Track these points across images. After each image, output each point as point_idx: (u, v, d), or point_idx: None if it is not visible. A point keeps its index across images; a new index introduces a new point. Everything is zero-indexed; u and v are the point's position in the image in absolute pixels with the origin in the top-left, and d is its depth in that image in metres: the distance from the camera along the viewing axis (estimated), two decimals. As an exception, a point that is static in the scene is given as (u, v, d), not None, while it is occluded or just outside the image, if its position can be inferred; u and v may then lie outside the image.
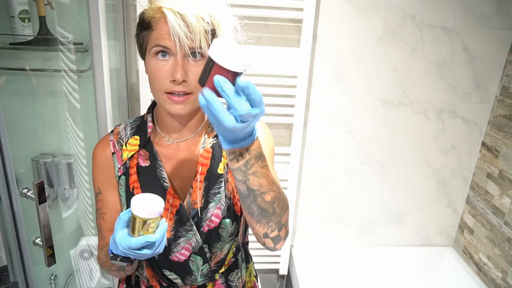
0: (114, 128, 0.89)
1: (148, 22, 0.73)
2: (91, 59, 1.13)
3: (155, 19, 0.72)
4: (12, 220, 1.04)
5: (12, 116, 1.46)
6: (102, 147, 0.87)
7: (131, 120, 0.90)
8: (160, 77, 0.74)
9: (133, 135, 0.86)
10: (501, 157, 1.68)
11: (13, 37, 1.33)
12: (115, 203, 0.87)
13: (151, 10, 0.72)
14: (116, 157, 0.85)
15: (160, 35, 0.71)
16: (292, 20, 1.54)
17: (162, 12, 0.70)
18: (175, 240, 0.85)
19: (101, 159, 0.86)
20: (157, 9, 0.70)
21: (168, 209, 0.84)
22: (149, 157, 0.85)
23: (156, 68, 0.73)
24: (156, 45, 0.72)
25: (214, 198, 0.86)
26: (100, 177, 0.87)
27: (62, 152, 1.56)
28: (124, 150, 0.85)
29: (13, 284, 1.04)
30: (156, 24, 0.72)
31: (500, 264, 1.67)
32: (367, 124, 1.74)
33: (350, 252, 1.97)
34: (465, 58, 1.67)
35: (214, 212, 0.85)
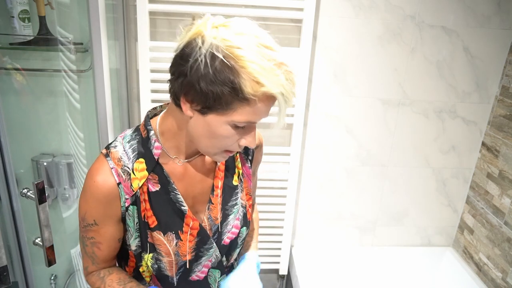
0: (108, 151, 0.77)
1: (247, 96, 0.63)
2: (91, 59, 1.13)
3: (259, 97, 0.64)
4: (12, 220, 1.04)
5: (12, 116, 1.46)
6: (102, 178, 0.74)
7: (127, 138, 0.78)
8: (230, 141, 0.71)
9: (137, 158, 0.76)
10: (501, 157, 1.68)
11: (13, 37, 1.33)
12: (113, 234, 0.79)
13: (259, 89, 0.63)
14: (124, 188, 0.75)
15: (258, 113, 0.67)
16: (292, 20, 1.54)
17: (274, 97, 0.65)
18: (196, 260, 0.84)
19: (102, 193, 0.74)
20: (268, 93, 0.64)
21: (188, 232, 0.81)
22: (159, 181, 0.78)
23: (230, 135, 0.69)
24: (248, 121, 0.67)
25: (233, 210, 0.87)
26: (99, 211, 0.76)
27: (62, 152, 1.56)
28: (134, 179, 0.76)
29: (13, 284, 1.04)
30: (258, 103, 0.65)
31: (500, 264, 1.67)
32: (367, 124, 1.74)
33: (350, 252, 1.97)
34: (465, 58, 1.67)
35: (234, 224, 0.87)
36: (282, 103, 0.65)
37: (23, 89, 1.48)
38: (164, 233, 0.79)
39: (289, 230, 1.82)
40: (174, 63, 0.68)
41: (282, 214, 1.79)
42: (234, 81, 0.62)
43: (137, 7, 1.41)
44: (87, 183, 0.75)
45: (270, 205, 1.78)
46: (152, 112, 0.82)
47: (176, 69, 0.67)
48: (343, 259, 1.96)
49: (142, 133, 0.78)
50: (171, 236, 0.80)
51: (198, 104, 0.66)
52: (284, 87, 0.64)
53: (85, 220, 0.77)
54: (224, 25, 0.66)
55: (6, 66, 1.42)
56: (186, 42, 0.66)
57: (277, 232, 1.83)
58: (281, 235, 1.83)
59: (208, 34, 0.63)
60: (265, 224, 1.81)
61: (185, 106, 0.68)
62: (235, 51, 0.62)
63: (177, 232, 0.80)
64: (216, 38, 0.63)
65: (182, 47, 0.66)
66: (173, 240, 0.80)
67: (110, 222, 0.78)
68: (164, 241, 0.79)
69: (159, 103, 1.55)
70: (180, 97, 0.68)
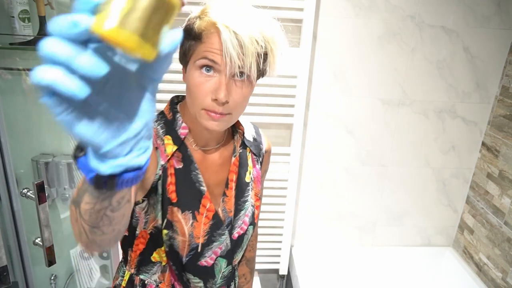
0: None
1: (199, 34, 0.68)
2: (91, 59, 1.13)
3: (207, 32, 0.67)
4: (12, 220, 1.04)
5: (12, 116, 1.46)
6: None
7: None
8: (202, 92, 0.70)
9: (165, 134, 0.79)
10: (501, 157, 1.68)
11: (13, 37, 1.33)
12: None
13: (204, 22, 0.67)
14: (160, 153, 0.77)
15: (210, 49, 0.68)
16: (292, 20, 1.54)
17: (216, 27, 0.66)
18: (208, 245, 0.84)
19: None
20: (211, 23, 0.67)
21: (204, 214, 0.82)
22: (182, 159, 0.79)
23: (199, 82, 0.70)
24: (204, 57, 0.68)
25: (244, 206, 0.88)
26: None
27: (62, 152, 1.56)
28: (167, 144, 0.78)
29: (13, 284, 1.04)
30: (207, 37, 0.68)
31: (500, 264, 1.67)
32: (367, 124, 1.74)
33: (350, 252, 1.97)
34: (465, 58, 1.67)
35: (244, 220, 0.88)
36: (225, 32, 0.64)
37: (23, 89, 1.48)
38: (182, 211, 0.80)
39: (289, 230, 1.82)
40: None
41: (282, 214, 1.79)
42: (190, 25, 0.69)
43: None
44: None
45: (270, 205, 1.78)
46: (175, 99, 0.85)
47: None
48: (343, 259, 1.96)
49: (167, 115, 0.81)
50: (188, 215, 0.80)
51: (183, 66, 0.74)
52: (233, 22, 0.65)
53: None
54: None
55: (6, 66, 1.42)
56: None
57: (277, 232, 1.83)
58: (281, 235, 1.83)
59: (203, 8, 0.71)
60: (265, 224, 1.81)
61: (183, 75, 0.76)
62: (206, 7, 0.69)
63: (193, 212, 0.81)
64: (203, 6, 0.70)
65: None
66: (189, 220, 0.80)
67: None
68: (181, 219, 0.80)
69: (159, 103, 1.55)
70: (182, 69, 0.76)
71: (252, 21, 0.68)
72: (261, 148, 0.94)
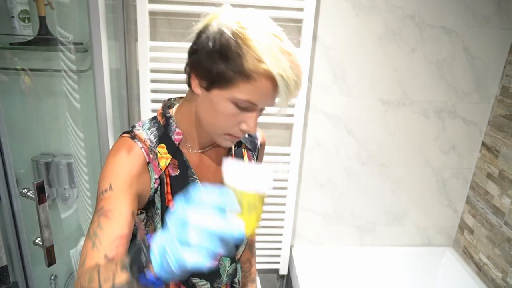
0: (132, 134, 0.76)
1: (247, 73, 0.65)
2: (91, 59, 1.13)
3: (258, 76, 0.65)
4: (12, 220, 1.04)
5: (12, 116, 1.46)
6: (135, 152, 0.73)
7: (147, 125, 0.79)
8: (232, 122, 0.71)
9: (159, 143, 0.77)
10: (501, 157, 1.67)
11: (13, 37, 1.33)
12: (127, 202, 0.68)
13: (256, 65, 0.64)
14: (153, 167, 0.75)
15: (259, 96, 0.67)
16: (292, 20, 1.54)
17: (272, 78, 0.65)
18: None
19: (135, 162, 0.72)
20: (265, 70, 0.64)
21: None
22: (178, 166, 0.79)
23: (232, 113, 0.70)
24: (249, 101, 0.68)
25: None
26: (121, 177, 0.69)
27: (62, 152, 1.56)
28: (160, 158, 0.77)
29: (13, 284, 1.04)
30: (255, 81, 0.65)
31: (500, 264, 1.67)
32: (367, 124, 1.74)
33: (350, 252, 1.97)
34: (465, 58, 1.67)
35: None
36: (282, 86, 0.65)
37: (23, 89, 1.48)
38: None
39: (289, 230, 1.82)
40: (191, 44, 0.72)
41: (282, 214, 1.79)
42: (237, 57, 0.64)
43: (137, 7, 1.41)
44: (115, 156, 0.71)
45: (270, 205, 1.78)
46: (167, 103, 0.84)
47: (191, 48, 0.71)
48: (343, 259, 1.96)
49: (161, 121, 0.80)
50: None
51: (204, 80, 0.69)
52: (286, 71, 0.65)
53: (100, 187, 0.69)
54: (240, 12, 0.69)
55: (6, 66, 1.42)
56: (203, 25, 0.70)
57: (277, 232, 1.83)
58: (281, 235, 1.83)
59: (223, 15, 0.68)
60: (265, 224, 1.81)
61: (194, 83, 0.72)
62: (243, 31, 0.65)
63: None
64: (227, 18, 0.67)
65: (198, 30, 0.70)
66: None
67: (128, 191, 0.69)
68: None
69: (159, 103, 1.55)
70: (191, 75, 0.72)
71: (299, 66, 0.68)
72: (256, 143, 0.94)
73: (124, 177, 0.70)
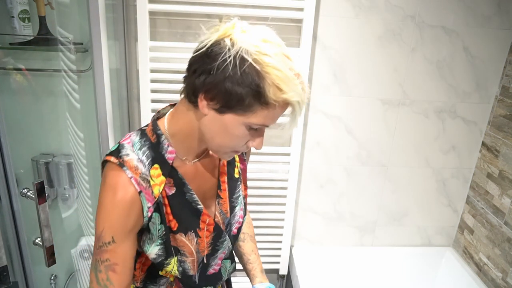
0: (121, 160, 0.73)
1: (268, 101, 0.67)
2: (91, 59, 1.13)
3: (278, 105, 0.68)
4: (12, 220, 1.04)
5: (12, 116, 1.46)
6: (123, 191, 0.71)
7: (137, 145, 0.76)
8: (241, 142, 0.73)
9: (152, 165, 0.75)
10: (501, 157, 1.68)
11: (13, 37, 1.33)
12: (130, 251, 0.75)
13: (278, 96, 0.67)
14: (145, 196, 0.73)
15: (273, 117, 0.71)
16: (292, 20, 1.54)
17: (292, 105, 0.70)
18: (213, 254, 0.87)
19: (124, 206, 0.71)
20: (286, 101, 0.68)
21: (205, 228, 0.83)
22: (174, 183, 0.78)
23: (243, 135, 0.72)
24: (264, 124, 0.71)
25: (237, 202, 0.90)
26: (120, 225, 0.72)
27: (62, 152, 1.56)
28: (154, 185, 0.74)
29: (13, 284, 1.04)
30: (274, 108, 0.69)
31: (500, 264, 1.67)
32: (367, 124, 1.74)
33: (350, 252, 1.97)
34: (465, 58, 1.67)
35: (240, 214, 0.91)
36: (298, 110, 0.70)
37: (23, 89, 1.48)
38: (185, 234, 0.80)
39: (289, 230, 1.82)
40: (197, 60, 0.69)
41: (282, 214, 1.79)
42: (259, 85, 0.65)
43: (137, 7, 1.41)
44: (106, 199, 0.72)
45: (270, 205, 1.78)
46: (156, 115, 0.81)
47: (200, 66, 0.68)
48: (343, 259, 1.96)
49: (151, 138, 0.76)
50: (191, 235, 0.81)
51: (218, 103, 0.68)
52: (301, 96, 0.69)
53: (101, 238, 0.72)
54: (252, 31, 0.69)
55: (6, 66, 1.42)
56: (214, 41, 0.67)
57: (277, 232, 1.83)
58: (281, 235, 1.83)
59: (238, 37, 0.66)
60: (265, 224, 1.81)
61: (202, 103, 0.69)
62: (263, 57, 0.65)
63: (195, 231, 0.82)
64: (246, 42, 0.65)
65: (209, 46, 0.67)
66: (194, 239, 0.82)
67: (130, 237, 0.74)
68: (187, 242, 0.81)
69: (159, 103, 1.55)
70: (199, 94, 0.69)
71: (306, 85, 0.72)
72: None
73: (123, 225, 0.72)
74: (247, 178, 0.98)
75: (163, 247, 0.78)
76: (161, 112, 0.82)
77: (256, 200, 1.75)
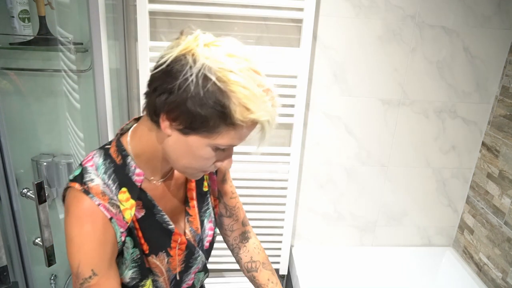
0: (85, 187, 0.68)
1: (235, 121, 0.62)
2: (91, 59, 1.13)
3: (246, 125, 0.64)
4: (12, 220, 1.04)
5: (12, 116, 1.46)
6: (91, 217, 0.67)
7: (101, 169, 0.71)
8: (208, 163, 0.69)
9: (119, 189, 0.71)
10: (501, 157, 1.68)
11: (13, 37, 1.33)
12: (116, 279, 0.70)
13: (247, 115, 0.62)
14: (117, 222, 0.70)
15: (240, 137, 0.66)
16: (292, 20, 1.54)
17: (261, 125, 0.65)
18: (186, 271, 0.85)
19: (95, 233, 0.67)
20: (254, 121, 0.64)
21: (176, 247, 0.81)
22: (143, 205, 0.75)
23: (209, 156, 0.68)
24: (232, 144, 0.66)
25: (205, 214, 0.88)
26: (97, 256, 0.67)
27: (62, 152, 1.56)
28: (125, 210, 0.71)
29: (13, 284, 1.04)
30: (244, 128, 0.64)
31: (500, 264, 1.67)
32: (367, 124, 1.74)
33: (350, 252, 1.97)
34: (465, 58, 1.67)
35: (209, 227, 0.89)
36: (267, 129, 0.65)
37: (23, 89, 1.48)
38: (156, 255, 0.78)
39: (289, 230, 1.82)
40: (157, 78, 0.64)
41: (282, 214, 1.79)
42: (225, 105, 0.60)
43: (137, 7, 1.41)
44: (74, 230, 0.67)
45: (270, 205, 1.78)
46: (120, 132, 0.76)
47: (161, 85, 0.63)
48: (343, 259, 1.96)
49: (116, 160, 0.71)
50: (162, 255, 0.79)
51: (181, 124, 0.63)
52: (271, 114, 0.64)
53: (80, 275, 0.67)
54: (215, 44, 0.63)
55: (6, 66, 1.42)
56: (174, 58, 0.62)
57: (277, 232, 1.83)
58: (281, 235, 1.83)
59: (200, 52, 0.61)
60: (265, 224, 1.81)
61: (164, 124, 0.65)
62: (227, 74, 0.60)
63: (167, 250, 0.80)
64: (209, 59, 0.60)
65: (170, 62, 0.62)
66: (165, 259, 0.80)
67: (109, 265, 0.69)
68: (157, 263, 0.79)
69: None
70: (160, 114, 0.64)
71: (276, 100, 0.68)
72: None
73: (101, 255, 0.68)
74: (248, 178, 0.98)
75: (137, 270, 0.76)
76: (125, 128, 0.77)
77: (256, 200, 1.75)
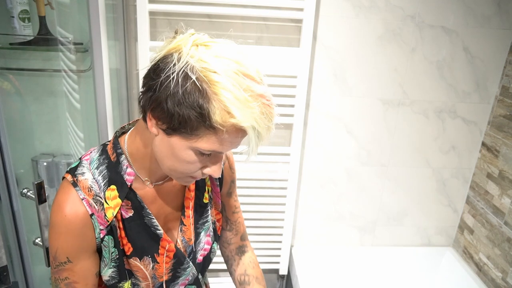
0: (75, 179, 0.70)
1: (215, 125, 0.59)
2: (91, 59, 1.13)
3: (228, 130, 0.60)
4: (12, 220, 1.04)
5: (12, 116, 1.46)
6: (73, 210, 0.68)
7: (95, 164, 0.72)
8: (194, 168, 0.66)
9: (108, 186, 0.71)
10: (501, 157, 1.68)
11: (13, 37, 1.33)
12: (89, 269, 0.73)
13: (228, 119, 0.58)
14: (97, 219, 0.70)
15: (222, 143, 0.62)
16: (292, 20, 1.54)
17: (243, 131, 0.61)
18: (173, 281, 0.83)
19: (74, 225, 0.68)
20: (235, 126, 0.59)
21: (164, 254, 0.79)
22: (132, 206, 0.74)
23: (193, 160, 0.64)
24: (214, 150, 0.63)
25: (203, 227, 0.86)
26: (72, 245, 0.70)
27: (62, 152, 1.56)
28: (107, 208, 0.71)
29: (13, 284, 1.04)
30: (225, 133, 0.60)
31: (500, 264, 1.67)
32: (367, 124, 1.74)
33: (350, 252, 1.97)
34: (465, 58, 1.67)
35: (206, 240, 0.86)
36: (253, 137, 0.60)
37: (23, 89, 1.48)
38: (140, 258, 0.77)
39: (289, 230, 1.82)
40: (146, 75, 0.64)
41: (282, 214, 1.79)
42: (203, 107, 0.57)
43: (137, 7, 1.41)
44: (55, 217, 0.69)
45: (270, 205, 1.78)
46: (120, 131, 0.76)
47: (147, 82, 0.63)
48: (343, 259, 1.96)
49: (111, 157, 0.72)
50: (147, 260, 0.78)
51: (164, 123, 0.62)
52: (257, 121, 0.59)
53: (56, 258, 0.71)
54: (205, 44, 0.61)
55: (6, 66, 1.42)
56: (162, 55, 0.61)
57: (277, 232, 1.83)
58: (281, 235, 1.83)
59: (186, 51, 0.59)
60: (265, 224, 1.81)
61: (150, 123, 0.64)
62: (209, 75, 0.58)
63: (153, 256, 0.78)
64: (193, 57, 0.59)
65: (158, 60, 0.62)
66: (150, 264, 0.78)
67: (85, 256, 0.71)
68: (141, 266, 0.77)
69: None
70: (147, 112, 0.63)
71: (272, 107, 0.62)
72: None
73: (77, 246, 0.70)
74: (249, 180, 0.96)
75: (116, 270, 0.75)
76: (126, 128, 0.77)
77: (256, 200, 1.75)
